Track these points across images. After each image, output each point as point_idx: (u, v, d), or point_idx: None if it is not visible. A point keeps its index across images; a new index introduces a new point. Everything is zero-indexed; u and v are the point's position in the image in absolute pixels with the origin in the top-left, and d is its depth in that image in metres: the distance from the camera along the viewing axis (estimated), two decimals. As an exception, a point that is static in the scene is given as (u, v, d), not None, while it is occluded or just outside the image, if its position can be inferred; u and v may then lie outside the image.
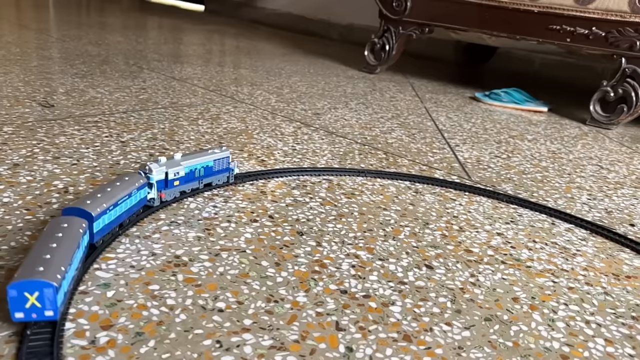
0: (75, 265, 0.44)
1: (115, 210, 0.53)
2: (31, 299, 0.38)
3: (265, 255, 0.54)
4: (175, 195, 0.64)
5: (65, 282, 0.41)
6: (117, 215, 0.54)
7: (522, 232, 0.67)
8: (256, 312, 0.44)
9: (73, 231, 0.46)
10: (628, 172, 1.01)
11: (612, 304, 0.52)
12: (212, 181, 0.69)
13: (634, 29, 1.29)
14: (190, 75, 1.42)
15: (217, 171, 0.69)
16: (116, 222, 0.54)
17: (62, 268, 0.41)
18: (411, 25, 1.71)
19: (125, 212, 0.56)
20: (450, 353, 0.42)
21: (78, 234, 0.46)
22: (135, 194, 0.57)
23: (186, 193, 0.66)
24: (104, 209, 0.51)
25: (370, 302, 0.48)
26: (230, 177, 0.71)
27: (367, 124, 1.14)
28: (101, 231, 0.51)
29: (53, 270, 0.40)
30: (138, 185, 0.58)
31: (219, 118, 1.04)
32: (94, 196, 0.52)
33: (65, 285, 0.41)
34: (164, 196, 0.62)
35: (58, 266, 0.40)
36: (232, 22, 3.20)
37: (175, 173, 0.63)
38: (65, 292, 0.41)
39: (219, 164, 0.69)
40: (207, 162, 0.67)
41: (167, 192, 0.62)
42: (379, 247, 0.59)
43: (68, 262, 0.42)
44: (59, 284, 0.39)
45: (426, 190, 0.78)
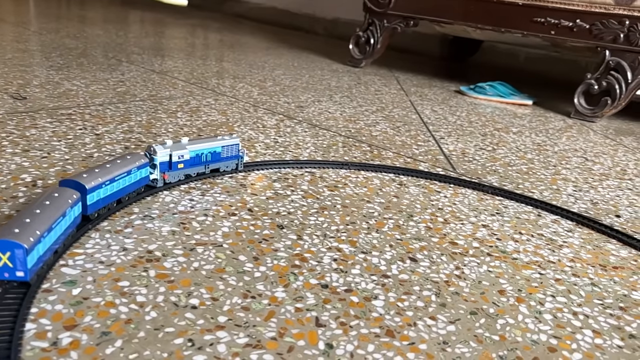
0: (58, 232, 0.45)
1: (112, 185, 0.55)
2: (4, 258, 0.40)
3: (243, 249, 0.52)
4: (180, 178, 0.65)
5: (41, 245, 0.42)
6: (113, 190, 0.55)
7: (508, 224, 0.66)
8: (232, 309, 0.42)
9: (61, 200, 0.47)
10: (613, 164, 1.00)
11: (600, 295, 0.51)
12: (219, 167, 0.69)
13: (618, 21, 1.29)
14: (171, 68, 1.39)
15: (225, 158, 0.69)
16: (113, 198, 0.55)
17: (38, 232, 0.42)
18: (396, 18, 1.70)
19: (123, 189, 0.57)
20: (435, 348, 0.41)
21: (65, 204, 0.47)
22: (135, 173, 0.58)
23: (192, 177, 0.67)
24: (99, 183, 0.53)
25: (352, 297, 0.46)
26: (240, 165, 0.71)
27: (352, 116, 1.12)
28: (95, 204, 0.53)
29: (27, 233, 0.41)
30: (138, 165, 0.59)
31: (198, 110, 1.01)
32: (92, 171, 0.53)
33: (41, 249, 0.42)
34: (167, 177, 0.63)
35: (34, 230, 0.42)
36: (216, 17, 3.15)
37: (180, 156, 0.63)
38: (40, 255, 0.42)
39: (228, 151, 0.69)
40: (215, 148, 0.68)
41: (170, 174, 0.63)
42: (362, 240, 0.57)
43: (46, 228, 0.43)
44: (30, 246, 0.40)
45: (411, 183, 0.76)
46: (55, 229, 0.45)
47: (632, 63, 1.29)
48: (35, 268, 0.42)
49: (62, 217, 0.46)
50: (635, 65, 1.29)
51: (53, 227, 0.44)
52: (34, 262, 0.41)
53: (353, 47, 1.83)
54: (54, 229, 0.45)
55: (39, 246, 0.42)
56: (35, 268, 0.42)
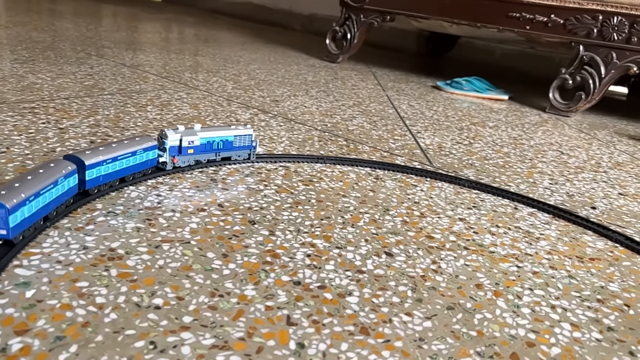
0: (48, 199, 0.48)
1: (114, 164, 0.57)
2: None
3: (212, 246, 0.49)
4: (190, 163, 0.67)
5: (26, 208, 0.44)
6: (115, 169, 0.57)
7: (485, 217, 0.65)
8: (198, 308, 0.40)
9: (54, 170, 0.49)
10: (587, 157, 1.01)
11: (577, 287, 0.50)
12: (231, 156, 0.71)
13: (592, 16, 1.30)
14: (143, 62, 1.35)
15: (237, 147, 0.70)
16: (115, 176, 0.58)
17: (23, 195, 0.44)
18: (372, 13, 1.68)
19: (126, 168, 0.59)
20: (411, 345, 0.39)
21: (58, 174, 0.49)
22: (141, 154, 0.60)
23: (202, 163, 0.68)
24: (99, 160, 0.55)
25: (326, 293, 0.44)
26: (252, 155, 0.72)
27: (328, 111, 1.10)
28: (94, 180, 0.55)
29: (12, 195, 0.43)
30: (145, 146, 0.61)
31: (169, 104, 0.98)
32: (96, 148, 0.56)
33: (27, 211, 0.44)
34: (176, 161, 0.65)
35: (19, 193, 0.44)
36: (191, 12, 3.10)
37: (190, 142, 0.65)
38: (25, 217, 0.44)
39: (240, 140, 0.70)
40: (227, 137, 0.69)
41: (180, 158, 0.65)
42: (337, 235, 0.55)
43: (33, 192, 0.45)
44: (13, 206, 0.43)
45: (387, 177, 0.75)
46: (44, 195, 0.47)
47: (605, 58, 1.31)
48: (19, 229, 0.44)
49: (52, 185, 0.48)
50: (609, 60, 1.30)
51: (41, 193, 0.47)
52: (17, 222, 0.43)
53: (330, 42, 1.81)
54: (43, 195, 0.47)
55: (24, 208, 0.44)
56: (19, 229, 0.44)
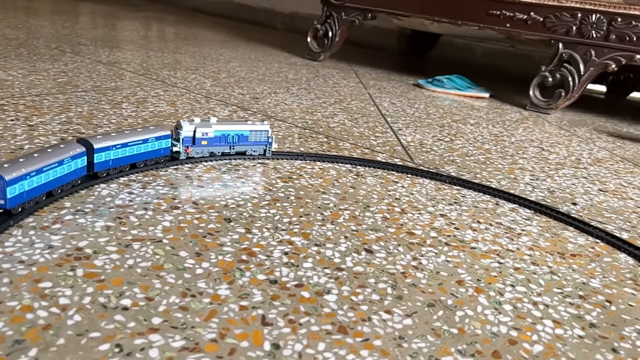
0: (51, 176, 0.50)
1: (124, 149, 0.59)
2: None
3: (185, 244, 0.47)
4: (204, 155, 0.68)
5: (27, 182, 0.47)
6: (125, 154, 0.60)
7: (466, 213, 0.64)
8: (168, 309, 0.38)
9: (62, 151, 0.52)
10: (568, 154, 1.01)
11: (559, 283, 0.50)
12: (246, 150, 0.72)
13: (570, 13, 1.31)
14: (119, 60, 1.32)
15: (252, 142, 0.71)
16: (125, 161, 0.60)
17: (23, 169, 0.47)
18: (353, 10, 1.67)
19: (136, 155, 0.61)
20: (390, 344, 0.38)
21: (65, 154, 0.52)
22: (153, 142, 0.63)
23: (216, 155, 0.70)
24: (109, 145, 0.57)
25: (303, 292, 0.43)
26: (267, 151, 0.73)
27: (309, 108, 1.09)
28: (103, 164, 0.57)
29: (13, 168, 0.46)
30: (158, 135, 0.63)
31: (145, 102, 0.95)
32: (108, 134, 0.58)
33: (26, 185, 0.47)
34: (189, 151, 0.67)
35: (20, 167, 0.47)
36: (171, 10, 3.06)
37: (204, 133, 0.67)
38: (25, 190, 0.47)
39: (256, 136, 0.71)
40: (243, 131, 0.70)
41: (193, 149, 0.67)
42: (316, 232, 0.53)
43: (35, 168, 0.48)
44: (12, 179, 0.46)
45: (368, 173, 0.74)
46: (47, 172, 0.50)
47: (584, 55, 1.31)
48: (18, 200, 0.47)
49: (57, 164, 0.51)
50: (587, 57, 1.31)
51: (44, 170, 0.50)
52: (16, 194, 0.46)
53: (311, 40, 1.80)
54: (46, 172, 0.50)
55: (24, 182, 0.47)
56: (18, 200, 0.47)
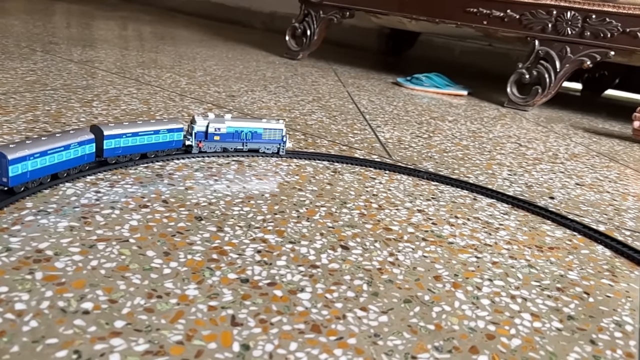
0: (57, 159, 0.53)
1: (134, 138, 0.61)
2: None
3: (153, 244, 0.46)
4: (216, 150, 0.70)
5: (30, 163, 0.50)
6: (136, 143, 0.61)
7: (444, 209, 0.63)
8: (132, 311, 0.36)
9: (70, 136, 0.54)
10: (545, 149, 1.01)
11: (537, 277, 0.49)
12: (259, 148, 0.72)
13: (546, 11, 1.32)
14: (92, 58, 1.29)
15: (266, 140, 0.72)
16: (135, 150, 0.62)
17: (27, 151, 0.49)
18: (331, 9, 1.66)
19: (147, 145, 0.63)
20: (365, 342, 0.36)
21: (72, 139, 0.54)
22: (165, 134, 0.64)
23: (229, 151, 0.70)
24: (119, 133, 0.59)
25: (276, 291, 0.41)
26: (281, 149, 0.73)
27: (286, 106, 1.07)
28: (112, 151, 0.59)
29: (18, 149, 0.49)
30: (170, 127, 0.65)
31: (117, 100, 0.93)
32: (121, 123, 0.61)
33: (30, 166, 0.50)
34: (202, 146, 0.68)
35: (25, 149, 0.49)
36: (148, 10, 3.02)
37: (217, 129, 0.68)
38: (28, 171, 0.50)
39: (270, 134, 0.71)
40: (256, 129, 0.70)
41: (206, 143, 0.68)
42: (291, 230, 0.52)
43: (39, 150, 0.50)
44: (14, 158, 0.48)
45: (345, 170, 0.73)
46: (52, 155, 0.52)
47: (560, 52, 1.33)
48: (20, 180, 0.49)
49: (63, 148, 0.53)
50: (563, 54, 1.32)
51: (49, 152, 0.52)
52: (18, 173, 0.49)
53: (289, 38, 1.78)
54: (51, 154, 0.52)
55: (28, 163, 0.49)
56: (20, 180, 0.49)
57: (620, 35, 1.23)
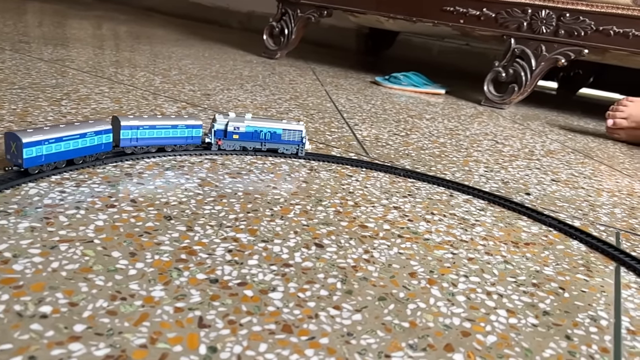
0: (71, 146, 0.55)
1: (151, 131, 0.63)
2: (13, 147, 0.51)
3: (119, 244, 0.44)
4: (235, 148, 0.71)
5: (44, 147, 0.53)
6: (152, 136, 0.64)
7: (420, 205, 0.62)
8: (94, 315, 0.35)
9: (88, 125, 0.57)
10: (521, 146, 1.02)
11: (513, 272, 0.49)
12: (278, 148, 0.72)
13: (521, 9, 1.33)
14: (63, 57, 1.25)
15: (285, 140, 0.72)
16: (152, 142, 0.64)
17: (42, 136, 0.52)
18: (309, 7, 1.65)
19: (165, 139, 0.65)
20: (338, 342, 0.35)
21: (89, 128, 0.57)
22: (182, 129, 0.66)
23: (248, 150, 0.72)
24: (136, 125, 0.62)
25: (246, 291, 0.40)
26: (300, 151, 0.73)
27: (263, 104, 1.06)
28: (129, 141, 0.62)
29: (35, 135, 0.52)
30: (188, 124, 0.67)
31: (88, 99, 0.90)
32: (140, 116, 0.64)
33: (44, 150, 0.53)
34: (221, 143, 0.70)
35: (41, 134, 0.52)
36: (123, 9, 2.97)
37: (236, 127, 0.69)
38: (42, 154, 0.53)
39: (289, 135, 0.71)
40: (276, 129, 0.71)
41: (225, 142, 0.70)
42: (264, 228, 0.51)
43: (54, 137, 0.53)
44: (28, 142, 0.51)
45: (322, 168, 0.72)
46: (67, 142, 0.55)
47: (535, 50, 1.34)
48: (34, 162, 0.52)
49: (79, 136, 0.56)
50: (538, 52, 1.33)
51: (63, 139, 0.55)
52: (32, 156, 0.52)
53: (267, 38, 1.77)
54: (66, 141, 0.55)
55: (42, 147, 0.52)
56: (34, 162, 0.52)
57: (593, 33, 1.25)
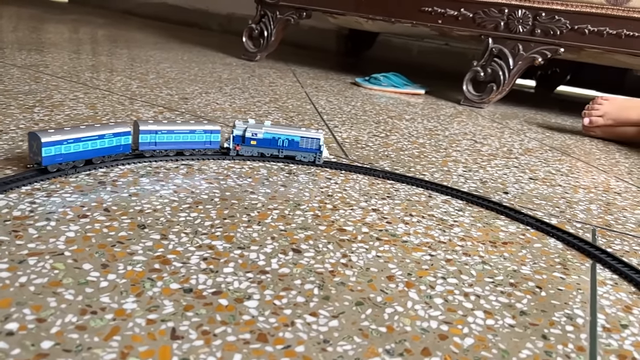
0: (90, 146, 0.59)
1: (169, 135, 0.66)
2: (34, 146, 0.55)
3: (90, 256, 0.43)
4: (253, 154, 0.72)
5: (63, 147, 0.56)
6: (171, 140, 0.66)
7: (399, 207, 0.62)
8: (62, 330, 0.34)
9: (108, 127, 0.60)
10: (500, 145, 1.03)
11: (491, 273, 0.49)
12: (295, 155, 0.73)
13: (498, 9, 1.34)
14: (37, 63, 1.23)
15: (303, 148, 0.72)
16: (170, 146, 0.67)
17: (61, 136, 0.55)
18: (288, 9, 1.65)
19: (183, 143, 0.67)
20: (314, 349, 0.35)
21: (108, 130, 0.60)
22: (201, 134, 0.68)
23: (266, 156, 0.73)
24: (154, 129, 0.65)
25: (221, 300, 0.39)
26: (317, 159, 0.73)
27: (242, 107, 1.05)
28: (147, 144, 0.65)
29: (54, 135, 0.55)
30: (206, 129, 0.69)
31: (62, 105, 0.88)
32: (160, 121, 0.67)
33: (63, 149, 0.56)
34: (239, 149, 0.71)
35: (60, 134, 0.56)
36: (101, 13, 2.93)
37: (253, 134, 0.70)
38: (61, 153, 0.56)
39: (307, 142, 0.72)
40: (294, 137, 0.72)
41: (243, 147, 0.71)
42: (240, 235, 0.50)
43: (73, 137, 0.57)
44: (47, 142, 0.54)
45: (300, 171, 0.71)
46: (86, 143, 0.58)
47: (512, 50, 1.35)
48: (53, 160, 0.56)
49: (98, 138, 0.59)
50: (516, 51, 1.35)
51: (82, 139, 0.58)
52: (51, 154, 0.55)
53: (247, 40, 1.76)
54: (84, 141, 0.58)
55: (61, 147, 0.56)
56: (53, 160, 0.56)
57: (568, 32, 1.27)
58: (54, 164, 0.56)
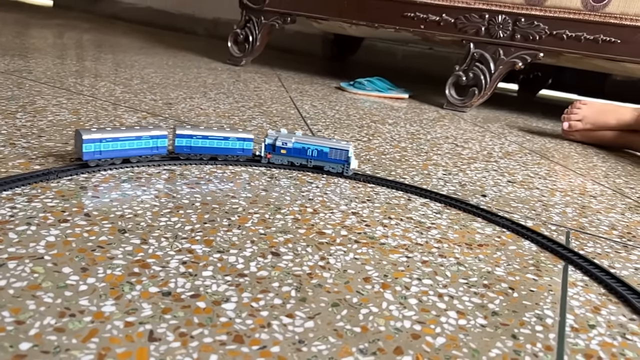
0: (127, 146, 0.64)
1: (204, 141, 0.70)
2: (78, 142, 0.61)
3: (70, 260, 0.43)
4: (283, 163, 0.74)
5: (102, 145, 0.61)
6: (205, 145, 0.70)
7: (378, 210, 0.64)
8: (41, 332, 0.34)
9: (146, 130, 0.65)
10: (480, 148, 1.05)
11: (465, 274, 0.50)
12: (324, 166, 0.74)
13: (479, 15, 1.36)
14: (20, 68, 1.23)
15: (331, 159, 0.73)
16: (204, 151, 0.71)
17: (100, 135, 0.61)
18: (273, 14, 1.66)
19: (216, 148, 0.71)
20: (289, 349, 0.36)
21: (145, 132, 0.65)
22: (234, 141, 0.71)
23: (295, 165, 0.74)
24: (190, 134, 0.69)
25: (199, 302, 0.40)
26: (345, 170, 0.74)
27: (226, 112, 1.06)
28: (182, 148, 0.69)
29: (95, 134, 0.61)
30: (239, 136, 0.72)
31: (45, 110, 0.88)
32: (197, 126, 0.71)
33: (102, 147, 0.62)
34: (270, 157, 0.74)
35: (100, 134, 0.61)
36: (86, 17, 2.91)
37: (284, 143, 0.73)
38: (100, 150, 0.61)
39: (336, 154, 0.73)
40: (323, 147, 0.73)
41: (274, 155, 0.74)
42: (220, 239, 0.51)
43: (111, 137, 0.62)
44: (87, 139, 0.60)
45: (282, 175, 0.72)
46: (123, 142, 0.63)
47: (493, 55, 1.37)
48: (92, 156, 0.61)
49: (135, 139, 0.64)
50: (497, 56, 1.37)
51: (120, 139, 0.63)
52: (90, 150, 0.61)
53: (232, 45, 1.76)
54: (122, 141, 0.63)
55: (101, 144, 0.61)
56: (92, 156, 0.61)
57: (547, 38, 1.29)
58: (93, 159, 0.62)
